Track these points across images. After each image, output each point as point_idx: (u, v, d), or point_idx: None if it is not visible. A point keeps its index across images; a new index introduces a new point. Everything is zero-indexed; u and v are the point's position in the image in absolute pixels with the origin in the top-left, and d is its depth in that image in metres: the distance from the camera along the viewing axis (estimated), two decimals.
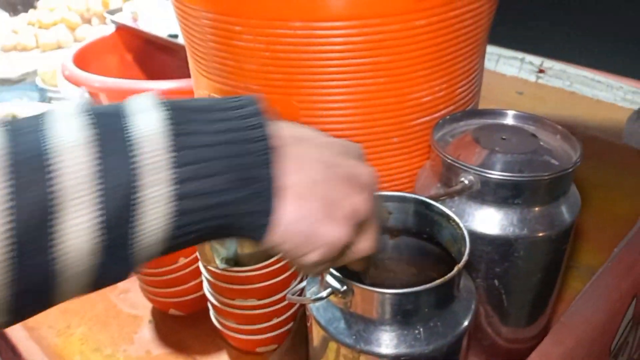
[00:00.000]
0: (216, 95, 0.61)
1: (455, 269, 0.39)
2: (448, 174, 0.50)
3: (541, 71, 1.20)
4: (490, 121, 0.56)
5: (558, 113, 1.07)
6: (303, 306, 0.55)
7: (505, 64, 1.23)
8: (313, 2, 0.50)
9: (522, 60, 1.22)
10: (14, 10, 1.73)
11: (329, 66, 0.53)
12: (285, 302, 0.56)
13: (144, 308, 0.68)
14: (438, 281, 0.38)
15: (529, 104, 1.12)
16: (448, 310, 0.41)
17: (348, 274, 0.40)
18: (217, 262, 0.50)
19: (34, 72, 1.27)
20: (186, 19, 0.59)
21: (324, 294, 0.40)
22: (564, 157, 0.51)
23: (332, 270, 0.40)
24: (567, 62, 1.18)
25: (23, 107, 0.94)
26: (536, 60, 1.21)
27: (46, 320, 0.67)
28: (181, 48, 1.00)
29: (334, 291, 0.40)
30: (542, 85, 1.19)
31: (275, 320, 0.57)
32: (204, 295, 0.59)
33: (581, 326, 0.55)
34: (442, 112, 0.59)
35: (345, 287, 0.40)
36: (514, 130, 0.53)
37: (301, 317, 0.58)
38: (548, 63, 1.19)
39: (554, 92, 1.17)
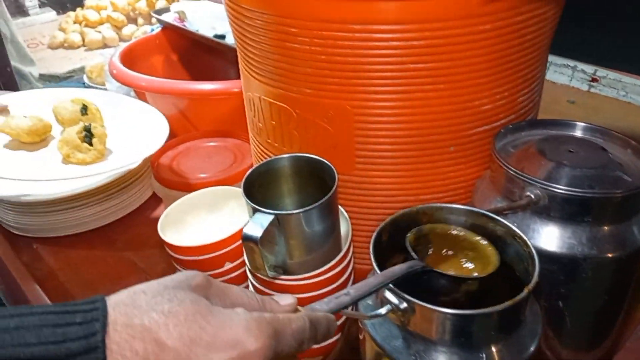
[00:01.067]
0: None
1: (525, 290, 0.37)
2: (511, 186, 0.48)
3: (594, 80, 1.16)
4: (554, 132, 0.53)
5: (612, 124, 1.02)
6: (350, 317, 0.54)
7: (557, 72, 1.19)
8: (373, 4, 0.48)
9: (573, 68, 1.18)
10: (62, 9, 1.77)
11: (386, 70, 0.51)
12: None
13: None
14: (506, 303, 0.36)
15: (582, 114, 1.08)
16: (514, 335, 0.39)
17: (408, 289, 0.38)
18: (267, 269, 0.49)
19: (81, 69, 1.30)
20: (239, 19, 0.58)
21: (382, 310, 0.38)
22: (636, 173, 0.47)
23: (391, 285, 0.38)
24: (622, 71, 1.13)
25: (95, 94, 0.90)
26: (589, 68, 1.16)
27: None
28: (227, 49, 1.00)
29: (393, 308, 0.38)
30: (594, 95, 1.14)
31: None
32: None
33: None
34: (502, 121, 0.56)
35: (405, 305, 0.38)
36: (581, 142, 0.51)
37: (349, 329, 0.56)
38: (602, 72, 1.14)
39: (607, 102, 1.12)
